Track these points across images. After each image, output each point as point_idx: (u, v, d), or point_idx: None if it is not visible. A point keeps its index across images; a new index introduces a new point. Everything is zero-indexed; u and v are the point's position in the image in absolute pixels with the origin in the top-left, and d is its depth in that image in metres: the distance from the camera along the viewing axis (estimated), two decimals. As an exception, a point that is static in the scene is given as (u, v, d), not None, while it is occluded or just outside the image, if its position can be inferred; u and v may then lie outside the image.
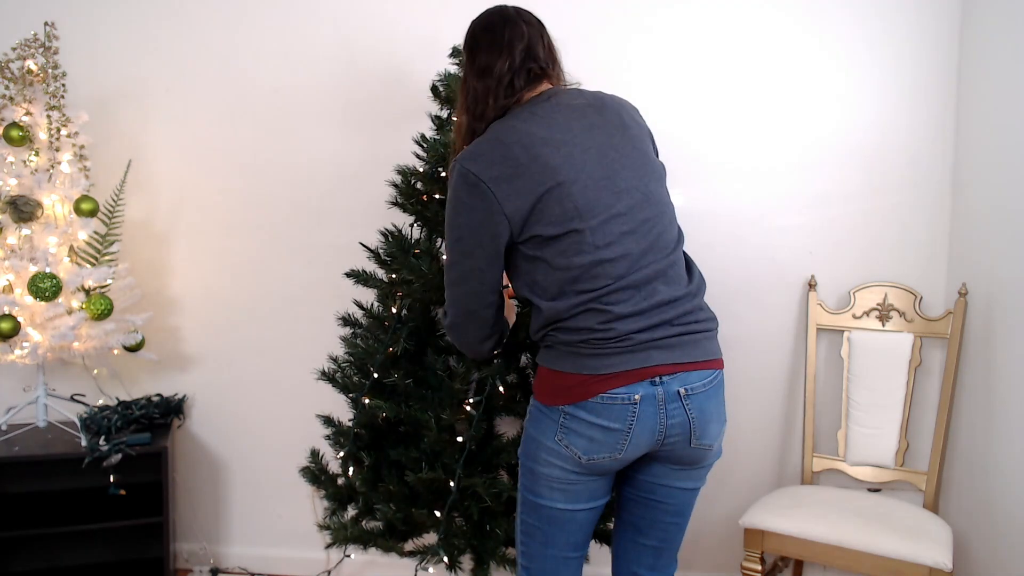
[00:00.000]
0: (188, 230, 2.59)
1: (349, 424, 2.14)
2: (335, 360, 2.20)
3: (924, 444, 2.30)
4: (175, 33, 2.52)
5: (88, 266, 2.33)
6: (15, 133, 2.25)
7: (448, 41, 2.16)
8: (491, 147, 1.42)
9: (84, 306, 2.28)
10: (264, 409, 2.65)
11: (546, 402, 1.45)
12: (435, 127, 2.17)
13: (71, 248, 2.34)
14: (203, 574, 2.65)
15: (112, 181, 2.44)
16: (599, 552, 2.11)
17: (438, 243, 2.10)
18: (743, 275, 2.43)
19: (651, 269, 1.40)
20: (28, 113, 2.31)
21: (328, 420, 2.22)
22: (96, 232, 2.37)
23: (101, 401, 2.53)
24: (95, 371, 2.56)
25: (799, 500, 2.14)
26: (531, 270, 1.43)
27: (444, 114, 2.17)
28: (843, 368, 2.33)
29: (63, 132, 2.32)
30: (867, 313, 2.32)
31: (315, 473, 2.24)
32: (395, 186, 2.15)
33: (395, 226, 2.15)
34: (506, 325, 1.64)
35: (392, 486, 2.00)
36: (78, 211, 2.32)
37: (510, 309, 1.74)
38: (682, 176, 2.42)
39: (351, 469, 2.12)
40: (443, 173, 2.05)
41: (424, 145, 2.12)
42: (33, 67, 2.31)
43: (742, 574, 2.10)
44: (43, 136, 2.32)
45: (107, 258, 2.38)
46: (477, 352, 1.59)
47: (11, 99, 2.29)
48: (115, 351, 2.43)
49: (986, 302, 2.13)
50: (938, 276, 2.34)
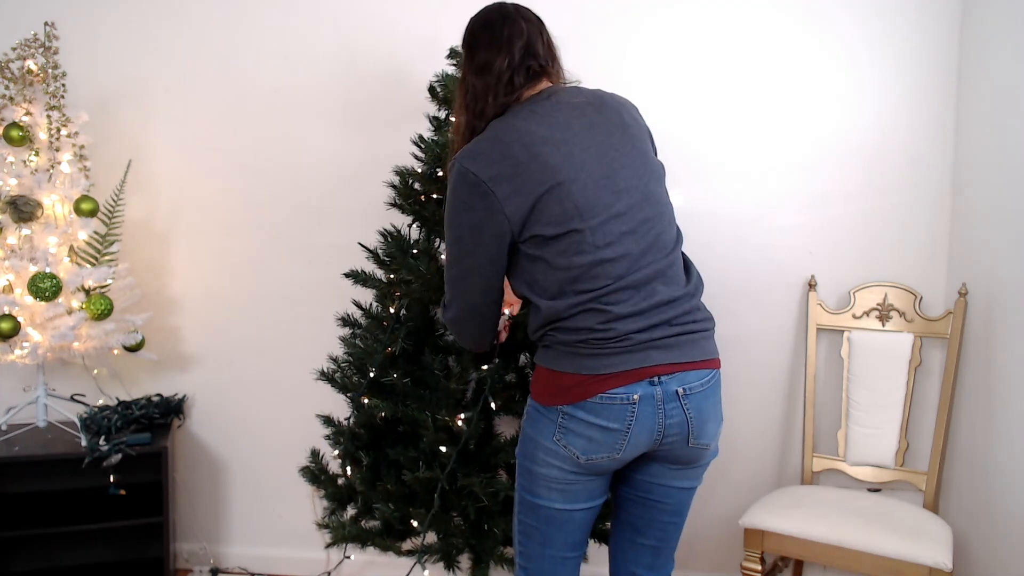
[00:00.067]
0: (188, 230, 2.60)
1: (347, 423, 2.14)
2: (334, 360, 2.21)
3: (924, 444, 2.30)
4: (175, 33, 2.53)
5: (88, 266, 2.33)
6: (15, 133, 2.25)
7: (448, 41, 2.16)
8: (491, 145, 1.41)
9: (84, 306, 2.28)
10: (264, 409, 2.65)
11: (544, 402, 1.45)
12: (433, 128, 2.17)
13: (71, 248, 2.35)
14: (203, 574, 2.65)
15: (112, 181, 2.44)
16: (598, 552, 2.11)
17: (437, 243, 2.10)
18: (743, 275, 2.43)
19: (650, 269, 1.39)
20: (28, 113, 2.31)
21: (328, 420, 2.22)
22: (96, 232, 2.37)
23: (101, 401, 2.53)
24: (95, 371, 2.56)
25: (799, 500, 2.14)
26: (531, 269, 1.42)
27: (442, 115, 2.17)
28: (843, 368, 2.33)
29: (63, 132, 2.32)
30: (867, 313, 2.32)
31: (315, 473, 2.24)
32: (393, 187, 2.15)
33: (394, 226, 2.15)
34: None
35: (390, 485, 2.00)
36: (78, 211, 2.32)
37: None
38: (682, 176, 2.42)
39: (349, 468, 2.12)
40: (441, 174, 2.05)
41: (422, 146, 2.12)
42: (33, 67, 2.32)
43: (742, 574, 2.10)
44: (43, 136, 2.32)
45: (107, 258, 2.38)
46: (477, 345, 1.59)
47: (11, 99, 2.29)
48: (115, 351, 2.43)
49: (986, 302, 2.13)
50: (938, 276, 2.34)
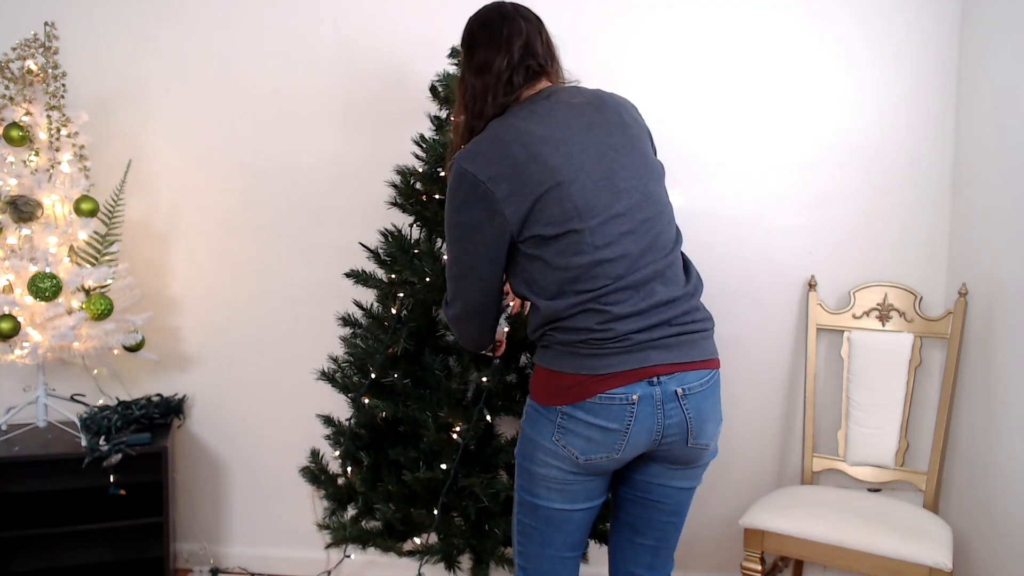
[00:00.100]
0: (188, 230, 2.60)
1: (348, 424, 2.14)
2: (335, 360, 2.21)
3: (924, 444, 2.30)
4: (175, 33, 2.52)
5: (88, 266, 2.33)
6: (15, 133, 2.25)
7: (448, 41, 2.16)
8: (490, 145, 1.41)
9: (84, 306, 2.28)
10: (264, 409, 2.65)
11: (543, 402, 1.45)
12: (434, 127, 2.17)
13: (71, 248, 2.34)
14: (203, 574, 2.65)
15: (112, 181, 2.44)
16: (597, 552, 2.11)
17: (438, 243, 2.10)
18: (743, 275, 2.43)
19: (649, 269, 1.39)
20: (28, 113, 2.31)
21: (328, 420, 2.22)
22: (96, 232, 2.37)
23: (101, 401, 2.53)
24: (95, 371, 2.56)
25: (799, 500, 2.14)
26: (530, 269, 1.42)
27: (443, 114, 2.17)
28: (843, 368, 2.33)
29: (63, 132, 2.32)
30: (867, 313, 2.32)
31: (315, 473, 2.24)
32: (394, 186, 2.15)
33: (395, 226, 2.15)
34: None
35: (391, 486, 2.00)
36: (78, 211, 2.32)
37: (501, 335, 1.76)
38: (682, 176, 2.42)
39: (350, 469, 2.12)
40: (442, 173, 2.05)
41: (423, 145, 2.12)
42: (33, 67, 2.32)
43: (742, 574, 2.10)
44: (43, 136, 2.32)
45: (107, 258, 2.38)
46: (478, 344, 1.59)
47: (11, 99, 2.29)
48: (115, 351, 2.43)
49: (986, 302, 2.13)
50: (938, 276, 2.34)
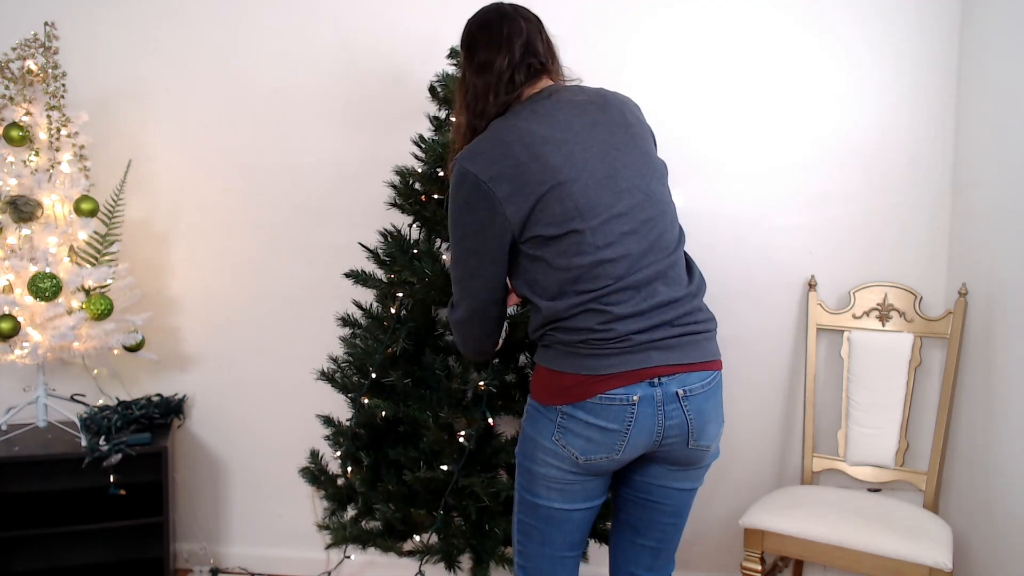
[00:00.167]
0: (188, 230, 2.60)
1: (348, 424, 2.14)
2: (335, 360, 2.21)
3: (924, 444, 2.30)
4: (175, 33, 2.52)
5: (88, 266, 2.33)
6: (15, 133, 2.25)
7: (447, 41, 2.16)
8: (491, 145, 1.41)
9: (84, 306, 2.28)
10: (264, 409, 2.65)
11: (543, 402, 1.45)
12: (433, 128, 2.17)
13: (71, 248, 2.34)
14: (203, 574, 2.65)
15: (112, 181, 2.44)
16: (598, 552, 2.11)
17: (437, 243, 2.10)
18: (743, 275, 2.43)
19: (651, 270, 1.39)
20: (28, 113, 2.31)
21: (328, 420, 2.22)
22: (96, 232, 2.37)
23: (101, 401, 2.53)
24: (95, 371, 2.56)
25: (799, 500, 2.14)
26: (531, 269, 1.42)
27: (442, 114, 2.17)
28: (843, 368, 2.33)
29: (63, 132, 2.32)
30: (867, 313, 2.32)
31: (315, 473, 2.24)
32: (394, 187, 2.15)
33: (394, 226, 2.15)
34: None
35: (391, 486, 2.00)
36: (78, 211, 2.32)
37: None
38: (682, 176, 2.41)
39: (350, 469, 2.12)
40: (441, 173, 2.05)
41: (423, 146, 2.12)
42: (33, 67, 2.32)
43: (742, 574, 2.10)
44: (43, 136, 2.32)
45: (107, 258, 2.38)
46: (480, 349, 1.58)
47: (11, 99, 2.29)
48: (115, 351, 2.43)
49: (986, 302, 2.13)
50: (938, 276, 2.34)
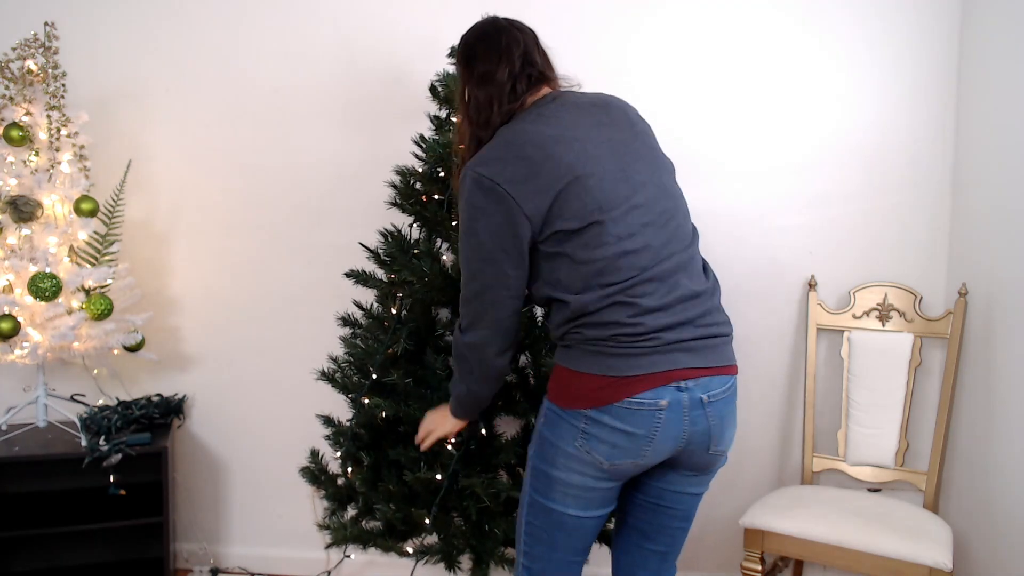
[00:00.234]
0: (188, 230, 2.59)
1: (348, 424, 2.14)
2: (335, 360, 2.20)
3: (924, 444, 2.30)
4: (175, 33, 2.52)
5: (88, 266, 2.33)
6: (15, 133, 2.25)
7: (448, 41, 2.16)
8: (503, 150, 1.41)
9: (84, 306, 2.28)
10: (264, 409, 2.65)
11: (565, 405, 1.41)
12: (434, 127, 2.17)
13: (71, 248, 2.34)
14: (203, 574, 2.65)
15: (112, 181, 2.44)
16: (598, 552, 2.10)
17: (438, 243, 2.10)
18: (743, 275, 2.43)
19: (673, 261, 1.39)
20: (28, 113, 2.31)
21: (328, 420, 2.22)
22: (96, 232, 2.37)
23: (101, 401, 2.53)
24: (95, 371, 2.56)
25: (799, 500, 2.14)
26: (553, 268, 1.40)
27: (443, 114, 2.17)
28: (843, 368, 2.33)
29: (63, 132, 2.32)
30: (867, 313, 2.32)
31: (315, 473, 2.24)
32: (394, 187, 2.15)
33: (395, 226, 2.15)
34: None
35: (391, 486, 2.00)
36: (78, 211, 2.32)
37: None
38: (682, 176, 2.37)
39: (350, 469, 2.12)
40: (442, 173, 2.05)
41: (423, 145, 2.12)
42: (33, 67, 2.31)
43: (742, 574, 2.10)
44: (43, 136, 2.32)
45: (107, 258, 2.38)
46: (492, 369, 1.54)
47: (11, 99, 2.29)
48: (115, 351, 2.43)
49: (986, 302, 2.13)
50: (938, 276, 2.34)
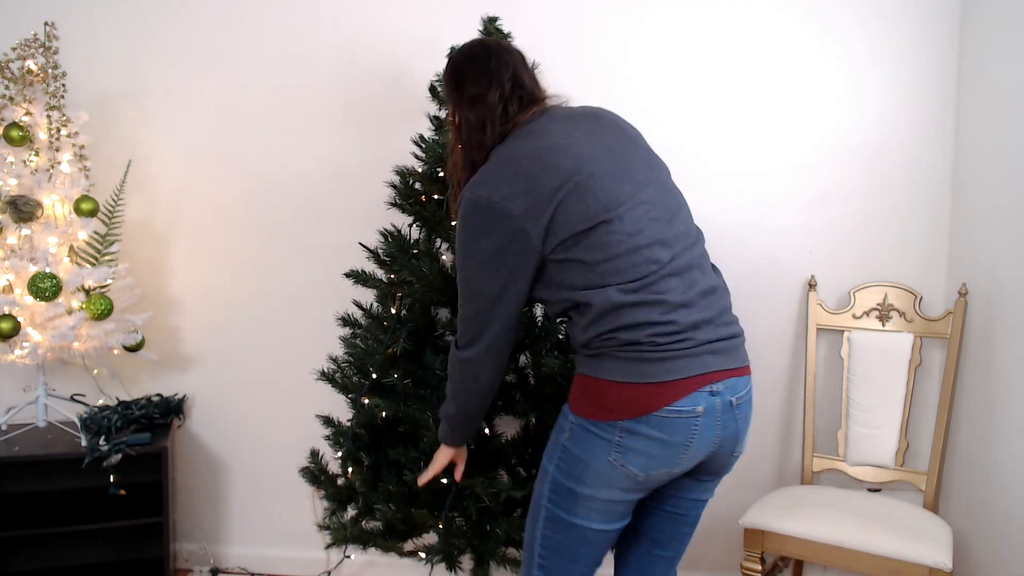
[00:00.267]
0: (188, 230, 2.59)
1: (348, 424, 2.14)
2: (335, 360, 2.20)
3: (924, 444, 2.30)
4: (175, 33, 2.52)
5: (88, 266, 2.33)
6: (15, 133, 2.25)
7: (447, 41, 2.15)
8: (498, 169, 1.40)
9: (84, 306, 2.28)
10: (264, 409, 2.65)
11: (598, 417, 1.36)
12: (434, 127, 2.17)
13: (71, 248, 2.34)
14: (203, 574, 2.65)
15: (112, 181, 2.44)
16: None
17: (437, 243, 2.10)
18: (743, 275, 2.42)
19: (686, 257, 1.38)
20: (28, 113, 2.31)
21: (328, 420, 2.22)
22: (96, 232, 2.37)
23: (101, 401, 2.53)
24: (95, 371, 2.56)
25: (799, 500, 2.14)
26: (567, 278, 1.37)
27: (443, 114, 2.17)
28: (843, 368, 2.33)
29: (63, 132, 2.32)
30: (867, 313, 2.32)
31: (315, 473, 2.24)
32: (394, 187, 2.15)
33: (394, 226, 2.15)
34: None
35: (391, 486, 2.00)
36: (78, 211, 2.32)
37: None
38: (682, 176, 2.38)
39: (350, 469, 2.12)
40: (441, 173, 2.05)
41: (423, 145, 2.12)
42: (33, 67, 2.31)
43: (742, 574, 2.10)
44: (43, 136, 2.32)
45: (107, 258, 2.38)
46: (486, 385, 1.51)
47: (11, 99, 2.29)
48: (115, 351, 2.43)
49: (986, 302, 2.13)
50: (938, 276, 2.34)
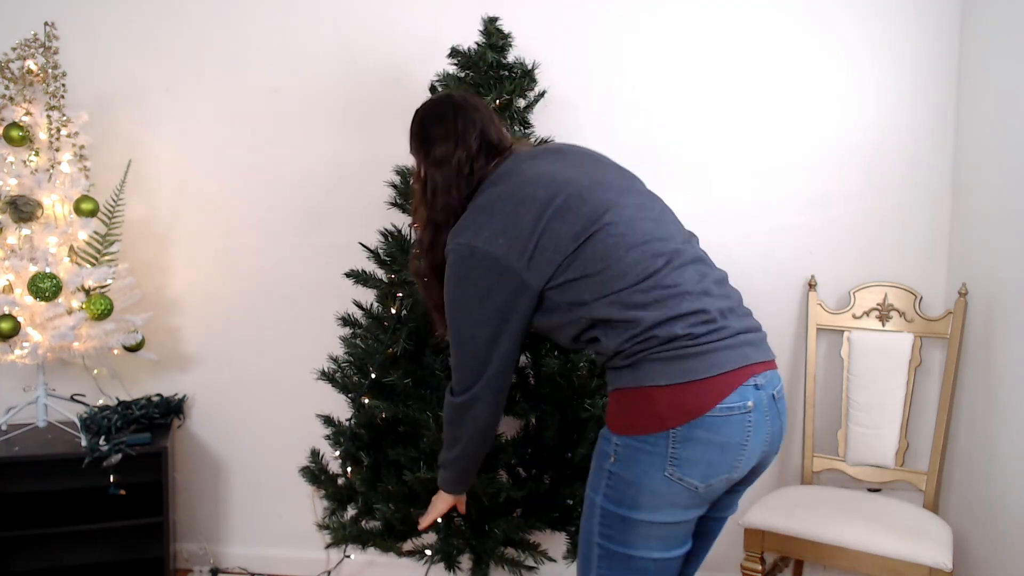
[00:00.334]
0: (188, 230, 2.59)
1: (348, 424, 2.14)
2: (335, 360, 2.21)
3: (924, 444, 2.30)
4: (175, 33, 2.52)
5: (88, 266, 2.33)
6: (15, 133, 2.25)
7: (448, 41, 2.16)
8: (474, 218, 1.38)
9: (84, 306, 2.28)
10: (264, 409, 2.65)
11: (646, 430, 1.26)
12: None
13: (71, 248, 2.34)
14: (203, 574, 2.65)
15: (112, 181, 2.44)
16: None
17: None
18: (743, 275, 2.40)
19: (688, 251, 1.34)
20: (28, 113, 2.31)
21: (328, 420, 2.22)
22: (96, 232, 2.37)
23: (101, 401, 2.53)
24: (95, 371, 2.56)
25: (799, 500, 2.14)
26: (574, 296, 1.31)
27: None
28: (843, 368, 2.33)
29: (63, 132, 2.32)
30: (867, 313, 2.32)
31: (315, 473, 2.24)
32: (394, 187, 2.15)
33: (395, 226, 2.15)
34: None
35: (391, 486, 2.00)
36: (78, 211, 2.32)
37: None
38: (682, 176, 2.42)
39: (350, 469, 2.12)
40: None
41: (423, 145, 2.12)
42: (33, 67, 2.31)
43: (742, 574, 2.10)
44: (43, 136, 2.32)
45: (107, 258, 2.38)
46: (487, 427, 1.47)
47: (11, 99, 2.29)
48: (115, 351, 2.43)
49: (986, 302, 2.13)
50: (938, 276, 2.34)
